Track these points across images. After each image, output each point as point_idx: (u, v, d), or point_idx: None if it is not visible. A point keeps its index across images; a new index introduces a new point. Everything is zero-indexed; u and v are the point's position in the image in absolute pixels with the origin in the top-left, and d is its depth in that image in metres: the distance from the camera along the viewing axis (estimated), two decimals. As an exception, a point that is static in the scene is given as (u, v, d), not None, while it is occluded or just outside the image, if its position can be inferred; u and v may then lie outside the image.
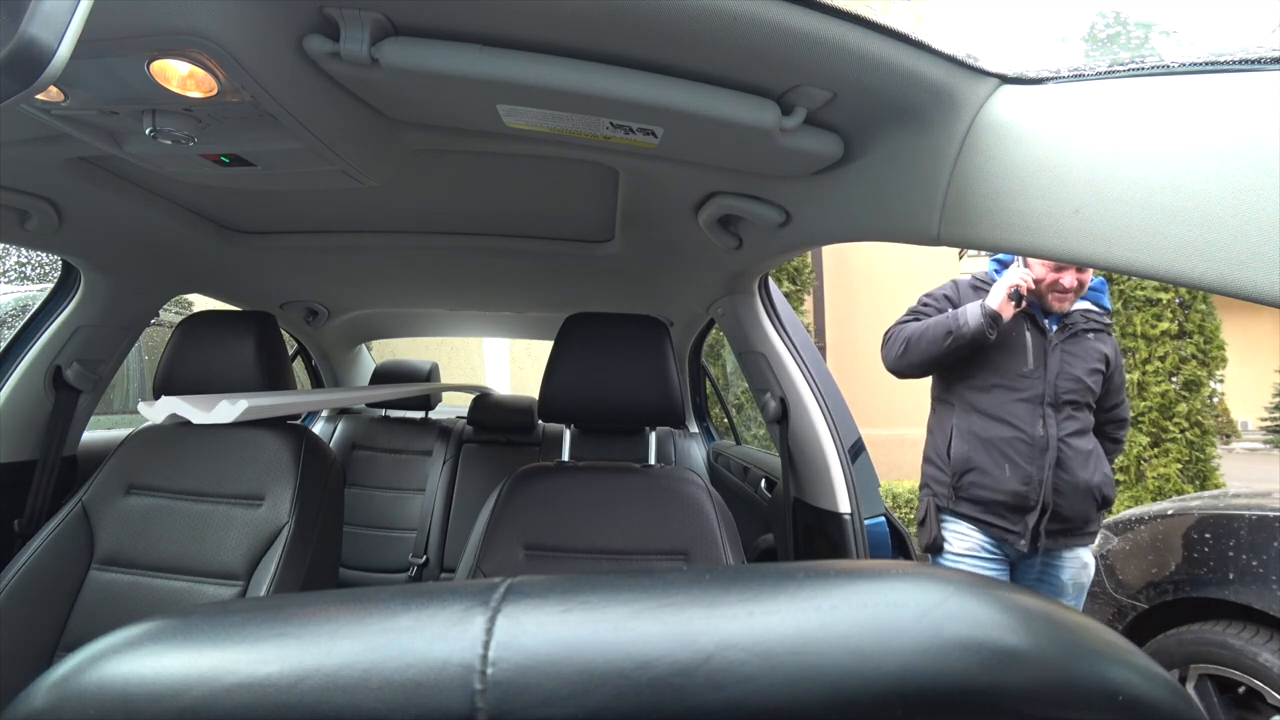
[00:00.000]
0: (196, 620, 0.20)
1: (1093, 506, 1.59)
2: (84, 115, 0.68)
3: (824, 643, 0.17)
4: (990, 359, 1.65)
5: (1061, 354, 1.63)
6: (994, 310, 1.59)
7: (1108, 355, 1.67)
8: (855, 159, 0.73)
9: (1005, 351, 1.64)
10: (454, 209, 1.20)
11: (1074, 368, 1.62)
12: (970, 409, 1.67)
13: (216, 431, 1.22)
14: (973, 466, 1.63)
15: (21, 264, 3.46)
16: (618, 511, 1.12)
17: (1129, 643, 0.20)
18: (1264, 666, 1.47)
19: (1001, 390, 1.63)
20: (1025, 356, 1.64)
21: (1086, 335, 1.68)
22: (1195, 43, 9.57)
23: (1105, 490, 1.61)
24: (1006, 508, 1.58)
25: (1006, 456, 1.60)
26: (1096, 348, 1.66)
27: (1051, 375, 1.62)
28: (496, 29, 0.58)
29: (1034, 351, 1.64)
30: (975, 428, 1.64)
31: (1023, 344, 1.66)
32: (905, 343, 1.72)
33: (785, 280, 4.71)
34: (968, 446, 1.64)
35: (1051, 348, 1.64)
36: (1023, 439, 1.59)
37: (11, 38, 0.31)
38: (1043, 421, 1.59)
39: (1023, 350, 1.65)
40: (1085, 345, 1.66)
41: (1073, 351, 1.64)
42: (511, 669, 0.17)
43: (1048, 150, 0.53)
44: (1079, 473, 1.57)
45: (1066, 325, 1.67)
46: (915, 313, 1.78)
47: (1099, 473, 1.60)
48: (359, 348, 2.72)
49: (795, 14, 0.53)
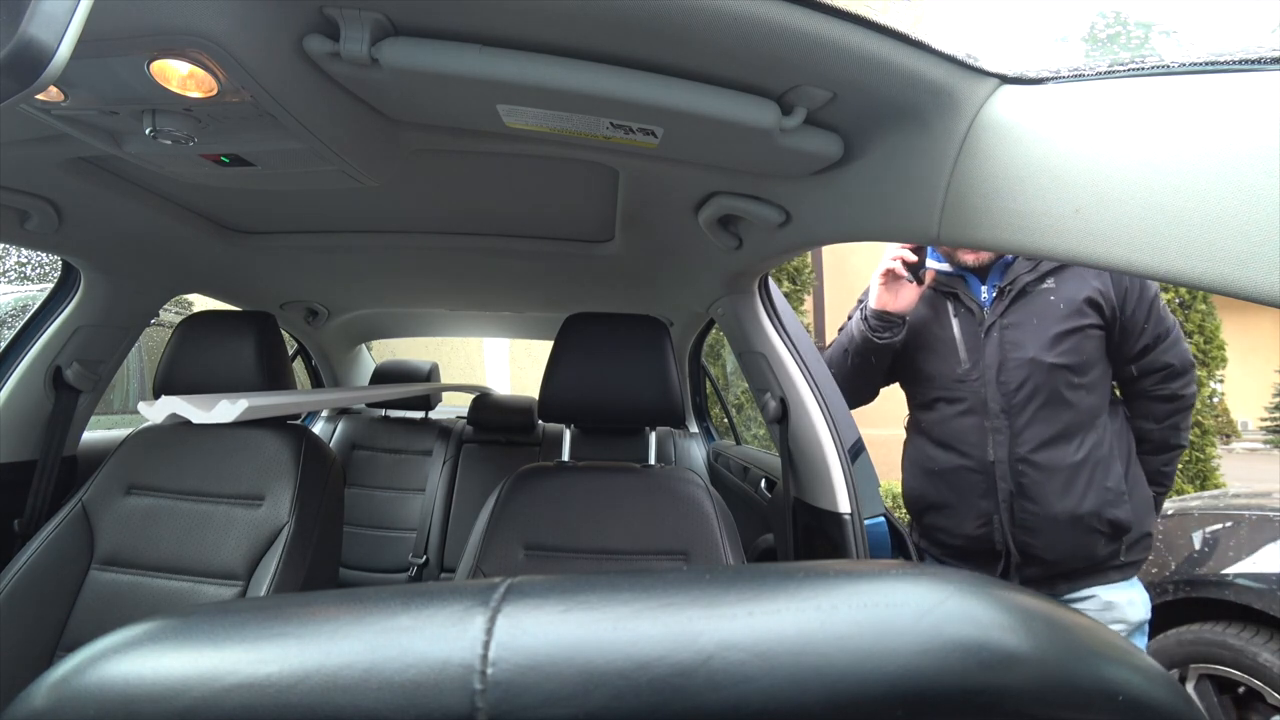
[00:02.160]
0: (196, 620, 0.20)
1: (1092, 541, 1.16)
2: (84, 115, 0.68)
3: (824, 643, 0.17)
4: (923, 366, 1.28)
5: (1002, 334, 1.19)
6: (875, 310, 1.23)
7: (1098, 291, 1.17)
8: (855, 159, 0.73)
9: (935, 353, 1.27)
10: (454, 209, 1.20)
11: (1026, 345, 1.17)
12: (918, 431, 1.34)
13: (217, 431, 1.22)
14: (928, 505, 1.30)
15: (21, 264, 3.46)
16: (618, 512, 1.12)
17: (1129, 643, 0.20)
18: (1264, 666, 1.47)
19: (944, 404, 1.26)
20: (956, 353, 1.23)
21: (1044, 283, 1.19)
22: (1195, 43, 9.57)
23: (1110, 513, 1.15)
24: (968, 554, 1.26)
25: (957, 490, 1.24)
26: (1069, 293, 1.18)
27: (990, 370, 1.19)
28: (496, 29, 0.58)
29: (966, 342, 1.23)
30: (925, 455, 1.30)
31: (950, 336, 1.25)
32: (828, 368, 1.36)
33: (785, 280, 4.71)
34: (917, 481, 1.32)
35: (985, 330, 1.21)
36: (970, 467, 1.22)
37: (11, 38, 0.31)
38: (990, 439, 1.20)
39: (952, 345, 1.24)
40: (1045, 300, 1.18)
41: (1021, 321, 1.19)
42: (511, 669, 0.17)
43: (1048, 150, 0.53)
44: (1054, 500, 1.15)
45: (1007, 287, 1.20)
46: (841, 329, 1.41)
47: (1094, 493, 1.15)
48: (359, 348, 2.72)
49: (795, 14, 0.53)
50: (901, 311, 1.24)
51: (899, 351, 1.31)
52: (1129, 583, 1.22)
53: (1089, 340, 1.17)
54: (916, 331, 1.29)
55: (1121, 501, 1.17)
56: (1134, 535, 1.20)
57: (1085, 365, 1.17)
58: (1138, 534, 1.20)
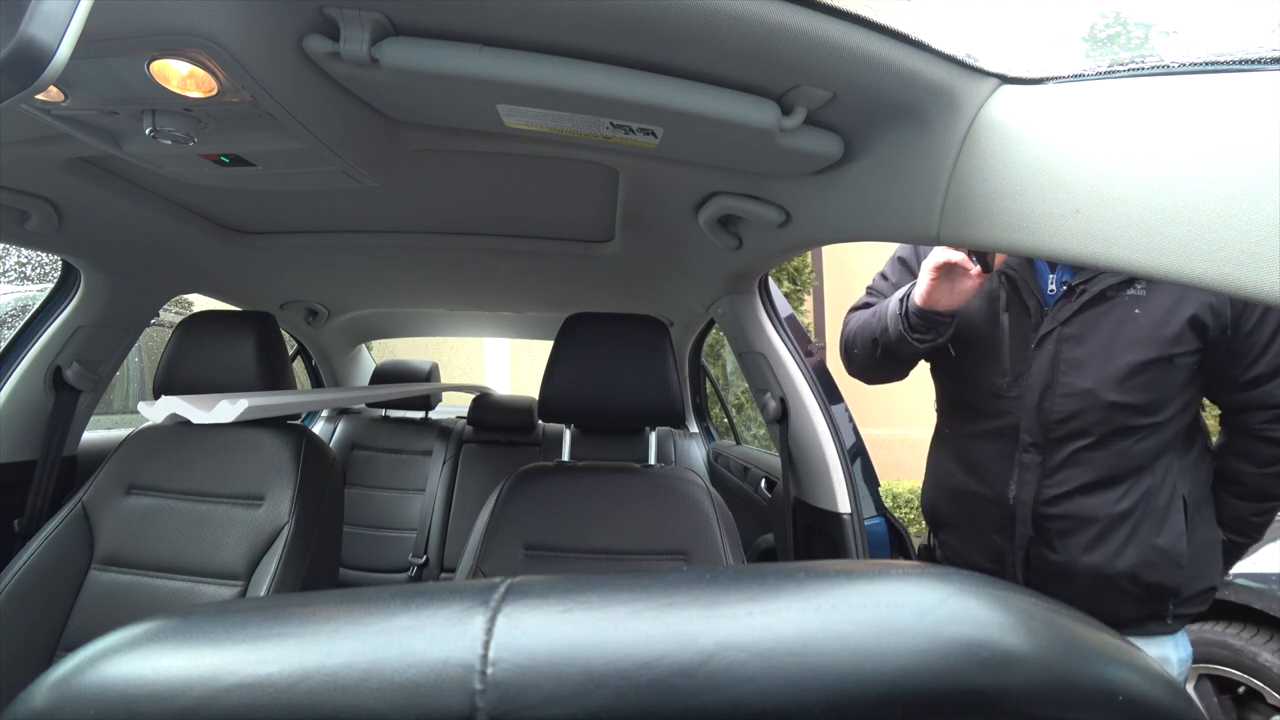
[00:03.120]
0: (196, 620, 0.20)
1: (1118, 599, 0.95)
2: (84, 115, 0.68)
3: (824, 643, 0.17)
4: (958, 362, 1.06)
5: (1059, 346, 0.94)
6: (919, 307, 0.96)
7: (1207, 306, 0.88)
8: (855, 159, 0.73)
9: (977, 353, 1.03)
10: (454, 209, 1.20)
11: (1086, 370, 0.92)
12: (940, 439, 1.15)
13: (217, 431, 1.22)
14: (942, 522, 1.15)
15: (21, 264, 3.46)
16: (618, 512, 1.12)
17: (1129, 643, 0.20)
18: (1264, 666, 1.47)
19: (972, 414, 1.05)
20: (1000, 360, 0.99)
21: (1131, 288, 0.91)
22: (1195, 43, 9.56)
23: (1151, 576, 0.93)
24: None
25: (969, 518, 1.07)
26: (1162, 307, 0.89)
27: (1033, 393, 0.95)
28: (496, 29, 0.58)
29: (1011, 349, 0.98)
30: (944, 470, 1.12)
31: (994, 336, 1.00)
32: (847, 344, 1.18)
33: (785, 280, 4.71)
34: (934, 494, 1.16)
35: (1038, 339, 0.95)
36: (986, 497, 1.02)
37: (11, 38, 0.31)
38: (1016, 474, 0.98)
39: (996, 348, 1.00)
40: (1128, 313, 0.90)
41: (1087, 335, 0.92)
42: (511, 669, 0.17)
43: (1047, 150, 0.53)
44: (1078, 553, 0.95)
45: (1080, 286, 0.93)
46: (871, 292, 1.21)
47: (1134, 550, 0.93)
48: (359, 348, 2.72)
49: (795, 14, 0.53)
50: (953, 309, 0.96)
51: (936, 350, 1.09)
52: (1170, 637, 1.00)
53: (1175, 373, 0.90)
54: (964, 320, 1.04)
55: (1171, 565, 0.93)
56: (1190, 591, 0.96)
57: (1160, 403, 0.91)
58: (1193, 590, 0.97)
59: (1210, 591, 0.99)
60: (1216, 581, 0.99)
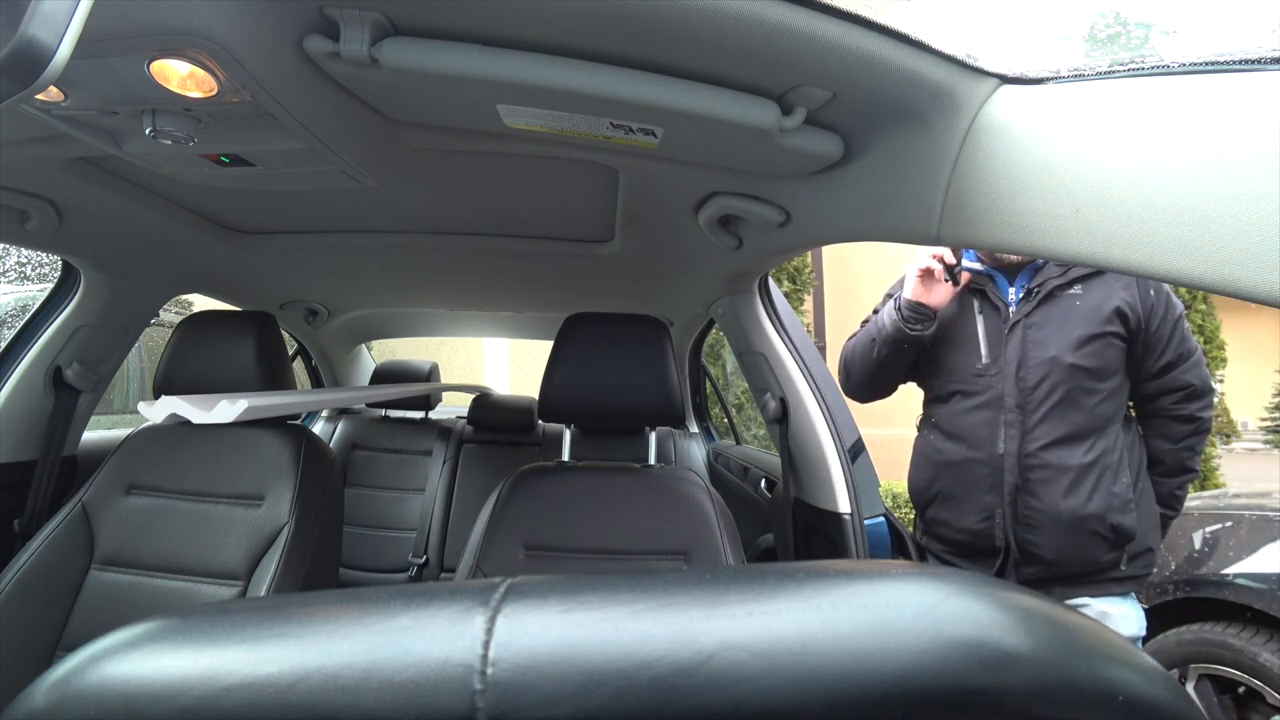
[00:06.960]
0: (196, 620, 0.20)
1: (1094, 544, 1.18)
2: (84, 115, 0.68)
3: (824, 643, 0.17)
4: (944, 360, 1.32)
5: (1026, 332, 1.22)
6: (910, 300, 1.26)
7: (1125, 302, 1.18)
8: (855, 159, 0.73)
9: (957, 347, 1.30)
10: (454, 209, 1.20)
11: (1048, 344, 1.20)
12: (929, 425, 1.36)
13: (216, 431, 1.22)
14: (933, 496, 1.33)
15: (21, 264, 3.46)
16: (618, 512, 1.12)
17: (1129, 643, 0.20)
18: (1264, 666, 1.47)
19: (959, 398, 1.29)
20: (978, 348, 1.27)
21: (1071, 289, 1.22)
22: (1195, 43, 9.56)
23: (1114, 518, 1.16)
24: (970, 550, 1.27)
25: (962, 483, 1.27)
26: (1095, 301, 1.19)
27: (1010, 366, 1.22)
28: (496, 29, 0.58)
29: (988, 339, 1.26)
30: (933, 449, 1.33)
31: (973, 331, 1.28)
32: (845, 364, 1.44)
33: (785, 280, 4.71)
34: (925, 473, 1.34)
35: (1009, 328, 1.24)
36: (978, 460, 1.24)
37: (11, 38, 0.31)
38: (1002, 433, 1.22)
39: (974, 340, 1.28)
40: (1071, 306, 1.21)
41: (1045, 323, 1.22)
42: (511, 669, 0.17)
43: (1048, 150, 0.53)
44: (1059, 498, 1.17)
45: (1035, 289, 1.24)
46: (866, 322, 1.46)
47: (1100, 496, 1.16)
48: (359, 348, 2.72)
49: (795, 14, 0.53)
50: (935, 306, 1.26)
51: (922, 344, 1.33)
52: (1125, 598, 1.23)
53: (1111, 348, 1.19)
54: (940, 325, 1.31)
55: (1127, 509, 1.18)
56: (1136, 547, 1.21)
57: (1105, 371, 1.19)
58: (1140, 547, 1.21)
59: (1150, 553, 1.24)
60: (1155, 545, 1.24)
